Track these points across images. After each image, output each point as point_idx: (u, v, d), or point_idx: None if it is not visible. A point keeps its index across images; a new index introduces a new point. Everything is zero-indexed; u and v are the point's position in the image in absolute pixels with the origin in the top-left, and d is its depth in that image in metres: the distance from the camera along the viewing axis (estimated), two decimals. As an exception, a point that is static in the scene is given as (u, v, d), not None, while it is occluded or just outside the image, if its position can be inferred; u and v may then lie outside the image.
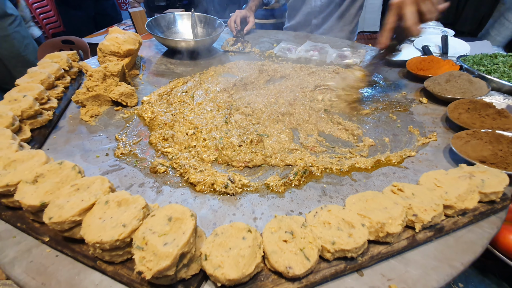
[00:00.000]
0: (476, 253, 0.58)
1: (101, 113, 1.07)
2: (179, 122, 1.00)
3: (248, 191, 0.76)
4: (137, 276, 0.51)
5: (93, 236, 0.48)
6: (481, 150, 0.78)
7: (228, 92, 1.19)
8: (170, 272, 0.45)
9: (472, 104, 0.97)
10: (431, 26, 2.18)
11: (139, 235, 0.48)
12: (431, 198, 0.60)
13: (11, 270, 0.56)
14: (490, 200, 0.65)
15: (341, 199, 0.73)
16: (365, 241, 0.52)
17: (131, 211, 0.52)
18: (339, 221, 0.55)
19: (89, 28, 2.84)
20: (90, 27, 2.87)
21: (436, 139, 0.93)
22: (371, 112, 1.08)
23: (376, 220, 0.54)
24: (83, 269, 0.55)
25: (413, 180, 0.78)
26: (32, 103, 0.89)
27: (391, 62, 1.41)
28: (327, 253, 0.52)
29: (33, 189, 0.59)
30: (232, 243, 0.51)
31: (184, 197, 0.74)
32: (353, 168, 0.83)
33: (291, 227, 0.54)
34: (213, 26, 1.69)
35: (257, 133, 0.94)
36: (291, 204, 0.72)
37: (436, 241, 0.60)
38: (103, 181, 0.59)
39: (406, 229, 0.59)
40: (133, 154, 0.88)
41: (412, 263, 0.56)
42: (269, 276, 0.51)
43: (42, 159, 0.65)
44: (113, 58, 1.23)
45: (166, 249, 0.45)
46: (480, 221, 0.65)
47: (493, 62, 1.35)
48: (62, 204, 0.54)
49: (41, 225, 0.61)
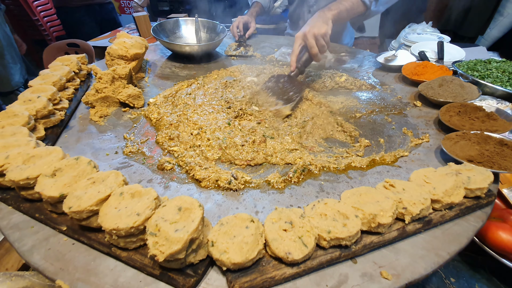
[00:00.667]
0: (462, 244, 0.63)
1: (109, 114, 1.12)
2: (184, 123, 1.05)
3: (250, 187, 0.81)
4: (149, 261, 0.56)
5: (110, 224, 0.53)
6: (468, 150, 0.83)
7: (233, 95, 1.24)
8: (181, 256, 0.50)
9: (462, 107, 1.02)
10: (428, 32, 2.25)
11: (152, 223, 0.53)
12: (420, 193, 0.64)
13: (30, 257, 0.61)
14: (476, 196, 0.70)
15: (337, 195, 0.78)
16: (358, 230, 0.57)
17: (144, 201, 0.57)
18: (334, 213, 0.60)
19: (95, 32, 2.91)
20: (96, 30, 2.94)
21: (429, 140, 0.98)
22: (367, 115, 1.14)
23: (369, 212, 0.59)
24: (98, 255, 0.60)
25: (405, 178, 0.83)
26: (46, 103, 0.94)
27: (389, 67, 1.47)
28: (323, 241, 0.56)
29: (52, 182, 0.63)
30: (236, 232, 0.56)
31: (190, 192, 0.79)
32: (349, 167, 0.88)
33: (291, 218, 0.59)
34: (216, 31, 1.75)
35: (263, 134, 0.98)
36: (291, 199, 0.77)
37: (425, 233, 0.65)
38: (117, 175, 0.64)
39: (397, 221, 0.64)
40: (141, 152, 0.93)
41: (402, 252, 0.61)
42: (270, 261, 0.56)
43: (59, 155, 0.70)
44: (120, 61, 1.29)
45: (177, 234, 0.49)
46: (466, 215, 0.69)
47: (487, 68, 1.40)
48: (80, 195, 0.59)
49: (59, 215, 0.65)
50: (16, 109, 0.89)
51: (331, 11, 1.22)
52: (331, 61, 1.57)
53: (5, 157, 0.70)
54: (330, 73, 1.42)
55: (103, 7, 3.02)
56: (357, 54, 1.69)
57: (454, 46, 1.76)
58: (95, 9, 2.93)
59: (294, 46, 1.18)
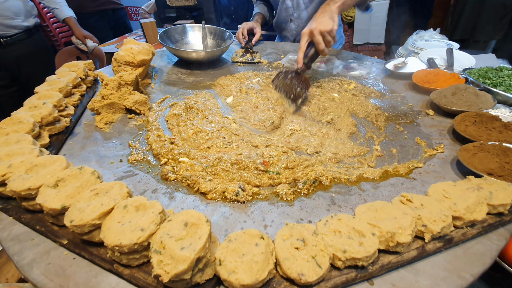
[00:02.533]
0: (485, 265, 0.59)
1: (115, 121, 1.10)
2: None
3: (258, 198, 0.77)
4: (152, 279, 0.53)
5: (113, 239, 0.50)
6: (488, 162, 0.79)
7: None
8: (187, 276, 0.47)
9: (478, 117, 0.98)
10: (436, 39, 2.22)
11: (157, 239, 0.50)
12: (440, 209, 0.61)
13: (29, 272, 0.58)
14: (498, 212, 0.66)
15: (350, 209, 0.74)
16: (376, 250, 0.53)
17: (148, 215, 0.54)
18: (349, 230, 0.57)
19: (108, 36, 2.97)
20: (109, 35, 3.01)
21: (443, 151, 0.94)
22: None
23: (386, 229, 0.55)
24: (100, 271, 0.57)
25: (421, 191, 0.79)
26: (52, 110, 0.93)
27: (398, 74, 1.44)
28: (338, 261, 0.53)
29: (54, 193, 0.61)
30: (245, 249, 0.52)
31: (196, 203, 0.76)
32: (361, 178, 0.84)
33: (303, 235, 0.55)
34: (222, 37, 1.74)
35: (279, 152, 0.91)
36: (301, 213, 0.73)
37: (446, 252, 0.61)
38: (122, 186, 0.61)
39: (416, 240, 0.60)
40: (146, 161, 0.91)
41: (422, 273, 0.57)
42: (281, 282, 0.52)
43: (63, 164, 0.68)
44: (127, 67, 1.28)
45: (184, 253, 0.46)
46: (488, 233, 0.65)
47: (499, 76, 1.36)
48: (83, 207, 0.56)
49: (60, 228, 0.63)
50: (21, 115, 0.88)
51: (336, 3, 1.21)
52: (339, 67, 1.55)
53: (8, 166, 0.68)
54: (339, 80, 1.40)
55: (116, 12, 3.09)
56: (364, 61, 1.66)
57: (464, 53, 1.72)
58: (108, 14, 3.00)
59: (301, 42, 1.20)
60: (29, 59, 2.14)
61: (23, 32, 2.06)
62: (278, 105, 1.18)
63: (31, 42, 2.14)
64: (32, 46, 2.15)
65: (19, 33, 2.04)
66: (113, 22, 3.09)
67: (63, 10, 2.27)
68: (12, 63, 2.10)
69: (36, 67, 2.20)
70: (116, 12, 3.08)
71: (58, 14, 2.27)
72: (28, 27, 2.08)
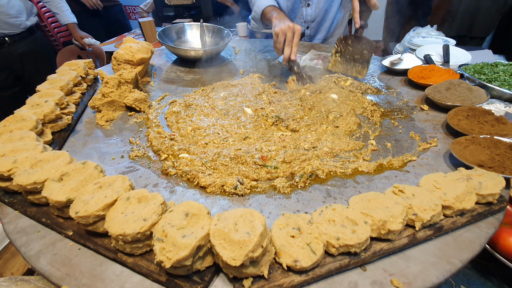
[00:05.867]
0: (474, 251, 0.61)
1: (115, 118, 1.12)
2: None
3: (256, 192, 0.80)
4: (155, 267, 0.55)
5: (117, 229, 0.53)
6: (479, 154, 0.81)
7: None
8: (188, 262, 0.49)
9: (471, 111, 1.01)
10: (433, 36, 2.24)
11: (159, 228, 0.52)
12: (430, 198, 0.63)
13: (36, 262, 0.61)
14: (487, 202, 0.68)
15: (345, 200, 0.77)
16: (368, 237, 0.56)
17: (150, 206, 0.56)
18: (343, 219, 0.59)
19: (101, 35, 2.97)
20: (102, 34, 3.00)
21: (437, 145, 0.96)
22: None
23: (378, 218, 0.58)
24: (104, 261, 0.60)
25: (414, 183, 0.81)
26: (54, 108, 0.95)
27: (394, 71, 1.46)
28: (332, 248, 0.55)
29: (59, 186, 0.63)
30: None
31: (196, 197, 0.78)
32: (357, 172, 0.87)
33: (298, 224, 0.58)
34: (221, 35, 1.76)
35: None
36: (297, 205, 0.76)
37: (436, 240, 0.63)
38: (124, 179, 0.64)
39: (407, 228, 0.62)
40: (147, 157, 0.93)
41: (413, 260, 0.59)
42: (277, 268, 0.55)
43: (66, 159, 0.71)
44: (127, 66, 1.30)
45: (185, 240, 0.49)
46: (478, 222, 0.68)
47: (494, 71, 1.38)
48: (87, 199, 0.58)
49: (65, 220, 0.65)
50: (24, 113, 0.90)
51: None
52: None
53: (13, 162, 0.71)
54: (335, 77, 1.42)
55: (110, 10, 3.09)
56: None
57: (460, 49, 1.74)
58: (99, 12, 3.00)
59: (354, 4, 1.28)
60: (32, 57, 2.18)
61: (26, 31, 2.09)
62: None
63: (33, 40, 2.17)
64: (34, 44, 2.19)
65: (23, 31, 2.07)
66: (104, 21, 3.09)
67: (66, 15, 2.35)
68: (16, 62, 2.13)
69: (39, 65, 2.24)
70: (109, 9, 3.09)
71: (61, 19, 2.36)
72: (30, 26, 2.11)
